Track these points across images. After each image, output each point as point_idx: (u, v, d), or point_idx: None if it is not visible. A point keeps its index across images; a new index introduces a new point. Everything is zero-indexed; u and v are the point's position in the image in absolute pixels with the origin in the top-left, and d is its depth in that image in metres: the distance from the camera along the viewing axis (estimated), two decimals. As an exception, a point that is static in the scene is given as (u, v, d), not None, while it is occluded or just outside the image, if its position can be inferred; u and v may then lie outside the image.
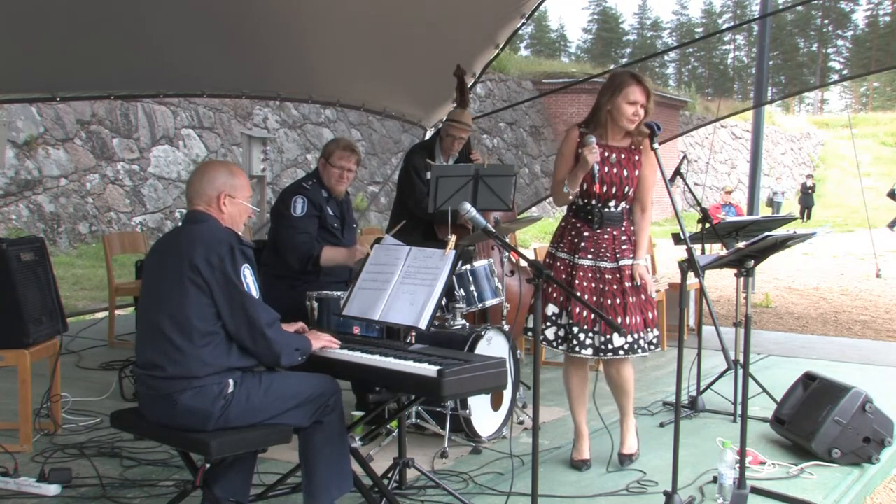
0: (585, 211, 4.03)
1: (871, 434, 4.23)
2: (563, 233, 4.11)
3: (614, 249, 3.99)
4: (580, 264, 3.99)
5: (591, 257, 3.99)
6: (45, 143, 13.27)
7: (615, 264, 3.98)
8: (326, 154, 4.77)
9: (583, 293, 3.95)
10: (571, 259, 4.03)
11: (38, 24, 5.37)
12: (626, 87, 3.89)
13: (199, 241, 3.03)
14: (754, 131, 13.11)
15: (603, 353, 3.96)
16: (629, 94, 3.88)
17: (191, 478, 3.20)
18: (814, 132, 42.05)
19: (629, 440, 4.24)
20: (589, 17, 69.36)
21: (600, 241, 4.00)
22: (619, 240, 4.01)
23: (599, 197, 3.98)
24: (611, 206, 4.01)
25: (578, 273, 3.98)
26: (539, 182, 24.90)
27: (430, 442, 4.39)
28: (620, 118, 3.91)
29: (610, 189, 3.97)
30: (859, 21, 63.60)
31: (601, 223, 4.00)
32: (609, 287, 3.97)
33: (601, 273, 3.98)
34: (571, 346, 3.99)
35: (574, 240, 4.04)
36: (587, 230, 4.02)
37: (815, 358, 6.92)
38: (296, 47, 6.90)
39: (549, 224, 22.47)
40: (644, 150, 4.01)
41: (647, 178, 4.03)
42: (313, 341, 3.25)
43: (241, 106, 16.80)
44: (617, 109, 3.91)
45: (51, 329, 4.56)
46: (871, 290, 12.78)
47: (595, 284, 3.98)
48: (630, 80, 3.91)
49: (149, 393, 3.06)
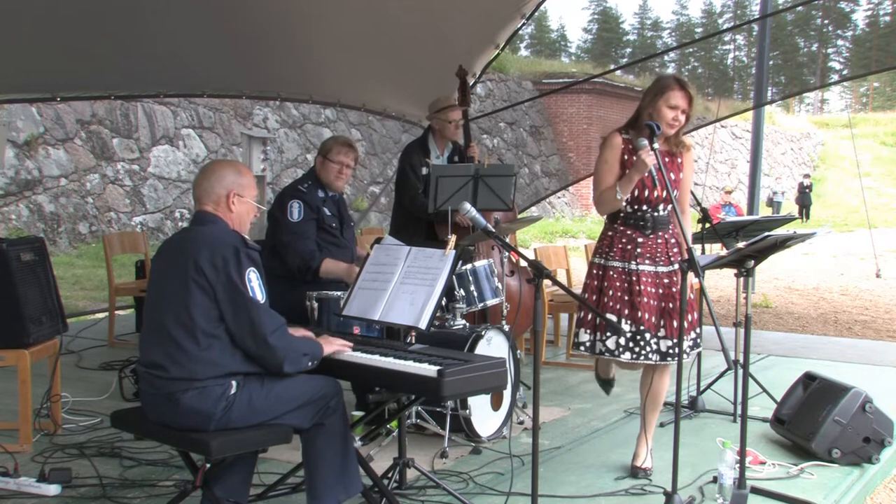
0: (636, 217, 3.94)
1: (871, 434, 4.23)
2: (612, 242, 3.99)
3: (667, 253, 3.96)
4: (642, 271, 3.91)
5: (649, 262, 3.93)
6: (45, 143, 13.27)
7: (671, 267, 3.94)
8: (324, 151, 4.77)
9: (649, 299, 3.89)
10: (627, 266, 3.93)
11: (38, 24, 5.37)
12: (668, 90, 3.83)
13: (205, 242, 3.03)
14: (754, 131, 13.12)
15: (670, 357, 3.90)
16: (670, 98, 3.82)
17: (191, 478, 3.20)
18: (814, 132, 42.04)
19: (643, 453, 4.12)
20: (589, 17, 69.40)
21: (655, 247, 3.94)
22: (669, 243, 3.98)
23: (650, 201, 3.92)
24: (660, 210, 3.95)
25: (641, 279, 3.90)
26: (539, 182, 24.90)
27: (430, 442, 4.39)
28: (660, 122, 3.82)
29: (661, 193, 3.92)
30: (859, 21, 63.69)
31: (654, 228, 3.94)
32: (669, 291, 3.93)
33: (660, 278, 3.94)
34: (643, 352, 3.87)
35: (627, 246, 3.95)
36: (640, 236, 3.94)
37: (815, 358, 6.92)
38: (296, 47, 6.90)
39: (550, 224, 22.50)
40: (685, 151, 3.99)
41: (687, 180, 4.01)
42: (325, 346, 3.22)
43: (241, 106, 16.80)
44: (657, 113, 3.84)
45: (51, 329, 4.56)
46: (871, 290, 12.78)
47: (657, 290, 3.93)
48: (673, 84, 3.85)
49: (151, 392, 3.06)
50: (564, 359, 6.75)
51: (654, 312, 3.89)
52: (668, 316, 3.89)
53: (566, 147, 26.47)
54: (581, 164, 25.49)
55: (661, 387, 4.07)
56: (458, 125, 5.65)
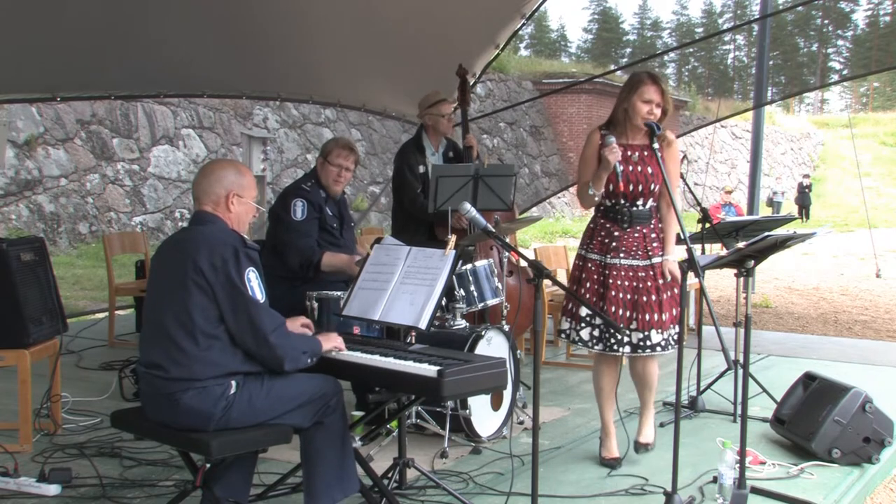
0: (614, 211, 4.06)
1: (871, 434, 4.23)
2: (592, 234, 4.15)
3: (646, 247, 4.03)
4: (613, 264, 4.03)
5: (623, 256, 4.03)
6: (45, 143, 13.27)
7: (648, 262, 4.02)
8: (325, 153, 4.77)
9: (618, 292, 4.00)
10: (603, 259, 4.06)
11: (38, 24, 5.37)
12: (641, 86, 3.94)
13: (204, 242, 3.03)
14: (754, 131, 13.11)
15: (641, 349, 4.02)
16: (644, 92, 3.93)
17: (191, 478, 3.20)
18: (814, 132, 42.05)
19: (646, 430, 4.31)
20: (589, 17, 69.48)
21: (631, 240, 4.04)
22: (649, 237, 4.05)
23: (626, 196, 4.02)
24: (639, 205, 4.04)
25: (612, 273, 4.02)
26: (539, 182, 24.90)
27: (430, 442, 4.39)
28: (635, 116, 3.95)
29: (636, 187, 4.00)
30: (859, 21, 63.66)
31: (630, 222, 4.04)
32: (644, 285, 4.01)
33: (635, 271, 4.02)
34: (609, 344, 4.03)
35: (605, 240, 4.07)
36: (617, 230, 4.05)
37: (815, 358, 6.91)
38: (296, 47, 6.90)
39: (550, 224, 22.51)
40: (666, 145, 4.03)
41: (670, 172, 4.04)
42: (324, 342, 3.23)
43: (241, 106, 16.80)
44: (632, 108, 3.96)
45: (51, 329, 4.56)
46: (871, 290, 12.78)
47: (630, 283, 4.02)
48: (646, 79, 3.97)
49: (151, 392, 3.06)
50: (564, 359, 6.75)
51: (623, 306, 3.99)
52: (640, 309, 3.99)
53: (566, 147, 26.49)
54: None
55: (648, 373, 4.19)
56: (450, 119, 5.65)
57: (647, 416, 4.33)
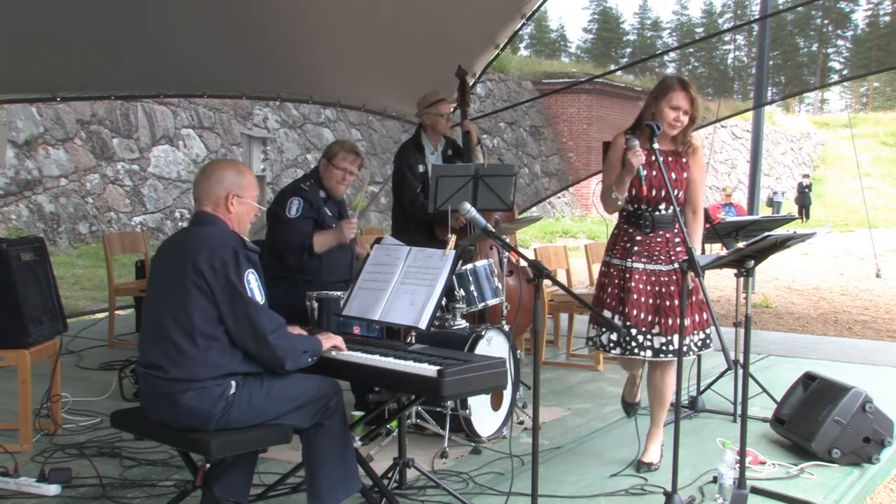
0: (636, 216, 4.03)
1: (871, 434, 4.23)
2: (616, 239, 4.11)
3: (668, 252, 4.00)
4: (634, 268, 3.98)
5: (644, 261, 3.99)
6: (45, 143, 13.27)
7: (671, 266, 3.98)
8: (329, 155, 4.76)
9: (640, 296, 3.96)
10: (623, 263, 4.02)
11: (38, 23, 5.37)
12: (670, 91, 3.90)
13: (204, 244, 3.03)
14: (754, 131, 13.11)
15: (664, 354, 3.96)
16: (672, 98, 3.89)
17: (191, 478, 3.20)
18: (814, 132, 42.03)
19: (653, 449, 4.18)
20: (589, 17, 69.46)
21: (653, 245, 4.00)
22: (672, 242, 4.01)
23: (649, 201, 3.98)
24: (661, 210, 4.00)
25: (633, 276, 3.98)
26: (539, 182, 24.90)
27: (430, 442, 4.39)
28: (662, 123, 3.89)
29: (659, 192, 3.96)
30: (859, 21, 63.63)
31: (653, 227, 4.00)
32: (667, 289, 3.97)
33: (657, 276, 3.98)
34: (629, 348, 3.98)
35: (627, 245, 4.04)
36: (639, 234, 4.02)
37: (815, 358, 6.91)
38: (296, 48, 6.91)
39: (550, 224, 22.50)
40: (692, 152, 4.02)
41: (696, 180, 4.04)
42: (324, 341, 3.23)
43: (241, 106, 16.80)
44: (659, 113, 3.91)
45: (51, 329, 4.56)
46: (871, 290, 12.78)
47: (651, 287, 3.97)
48: (676, 84, 3.92)
49: (151, 392, 3.06)
50: (564, 359, 6.75)
51: (645, 310, 3.95)
52: (663, 313, 3.94)
53: (566, 147, 26.48)
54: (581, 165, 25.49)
55: (665, 384, 4.11)
56: (449, 118, 5.64)
57: (656, 434, 4.21)
